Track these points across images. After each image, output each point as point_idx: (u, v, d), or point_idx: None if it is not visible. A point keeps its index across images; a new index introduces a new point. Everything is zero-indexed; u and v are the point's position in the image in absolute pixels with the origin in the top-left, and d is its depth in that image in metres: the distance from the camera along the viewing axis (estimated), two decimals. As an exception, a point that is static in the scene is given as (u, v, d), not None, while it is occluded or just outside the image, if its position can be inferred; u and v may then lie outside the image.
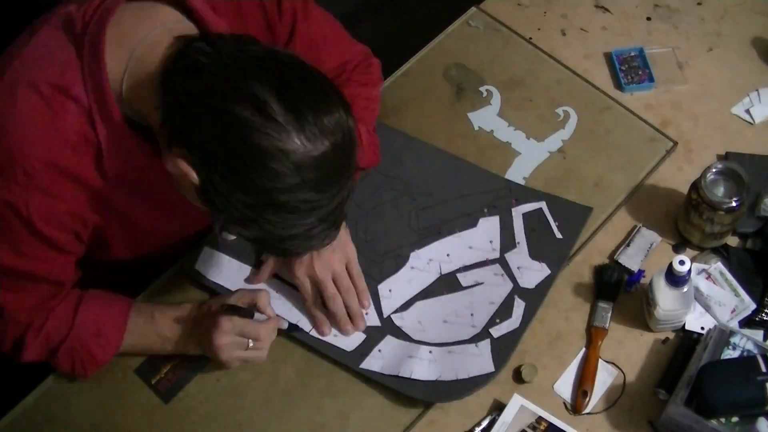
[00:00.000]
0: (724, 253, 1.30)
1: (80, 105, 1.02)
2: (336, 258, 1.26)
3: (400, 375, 1.21)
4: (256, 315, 1.21)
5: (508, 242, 1.32)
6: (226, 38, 0.97)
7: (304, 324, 1.27)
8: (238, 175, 0.93)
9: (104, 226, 1.14)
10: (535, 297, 1.27)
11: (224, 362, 1.21)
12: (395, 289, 1.29)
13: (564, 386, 1.22)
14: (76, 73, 1.02)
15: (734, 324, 1.23)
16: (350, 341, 1.26)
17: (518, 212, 1.34)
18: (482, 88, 1.49)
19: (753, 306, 1.24)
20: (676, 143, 1.41)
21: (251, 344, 1.20)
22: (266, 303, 1.23)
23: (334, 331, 1.27)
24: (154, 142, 1.05)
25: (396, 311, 1.28)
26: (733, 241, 1.32)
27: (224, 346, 1.19)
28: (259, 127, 0.90)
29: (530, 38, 1.55)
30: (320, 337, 1.26)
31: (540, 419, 1.18)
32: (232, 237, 1.05)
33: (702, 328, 1.23)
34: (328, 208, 0.98)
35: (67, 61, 1.03)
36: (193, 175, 0.96)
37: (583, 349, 1.25)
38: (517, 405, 1.19)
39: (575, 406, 1.20)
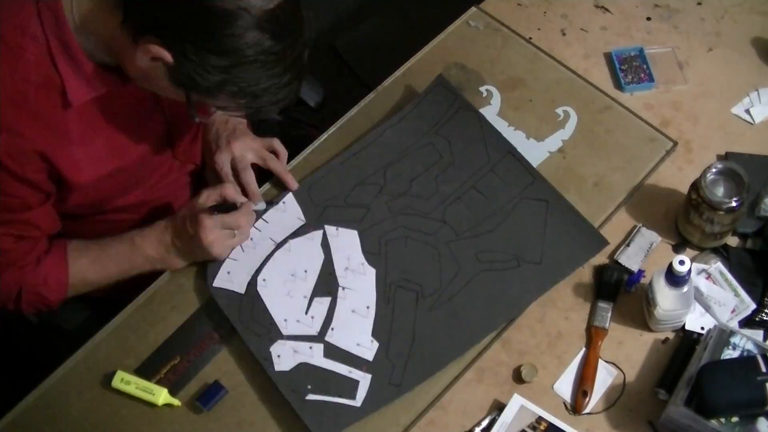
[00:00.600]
0: (724, 253, 1.30)
1: (38, 42, 1.09)
2: (249, 140, 1.40)
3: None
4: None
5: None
6: None
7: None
8: (208, 39, 1.02)
9: (68, 163, 1.19)
10: None
11: (217, 255, 1.29)
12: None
13: (564, 386, 1.22)
14: (32, 12, 1.09)
15: (734, 324, 1.23)
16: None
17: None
18: (482, 88, 1.49)
19: (753, 306, 1.24)
20: (676, 143, 1.41)
21: (236, 232, 1.30)
22: (233, 193, 1.31)
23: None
24: (114, 74, 1.14)
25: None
26: (733, 241, 1.32)
27: (213, 240, 1.27)
28: None
29: (530, 38, 1.55)
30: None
31: (540, 419, 1.18)
32: (207, 119, 1.16)
33: (702, 328, 1.23)
34: (291, 56, 1.07)
35: (22, 2, 1.09)
36: (166, 54, 1.04)
37: (583, 349, 1.25)
38: (517, 405, 1.19)
39: (575, 406, 1.20)
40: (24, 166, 1.14)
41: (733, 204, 1.22)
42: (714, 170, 1.25)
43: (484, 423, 1.19)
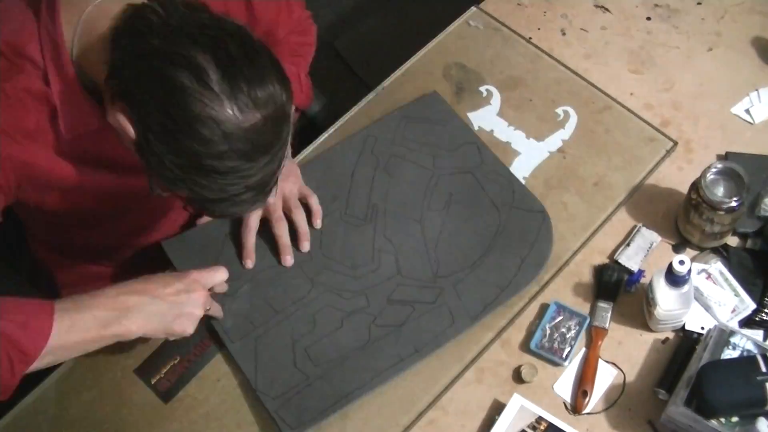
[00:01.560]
0: (724, 253, 1.30)
1: (35, 65, 1.06)
2: (289, 183, 1.32)
3: None
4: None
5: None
6: (177, 3, 1.00)
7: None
8: (170, 136, 0.97)
9: (47, 180, 1.14)
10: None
11: (184, 330, 1.17)
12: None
13: (564, 386, 1.22)
14: (33, 33, 1.06)
15: (734, 324, 1.23)
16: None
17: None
18: (482, 88, 1.50)
19: (753, 306, 1.24)
20: (676, 143, 1.41)
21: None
22: (223, 284, 1.26)
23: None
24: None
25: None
26: (733, 241, 1.32)
27: (196, 319, 1.17)
28: (195, 93, 0.94)
29: (530, 38, 1.55)
30: None
31: (540, 419, 1.18)
32: (164, 194, 1.10)
33: (702, 328, 1.23)
34: (257, 177, 1.01)
35: (24, 21, 1.07)
36: (130, 130, 1.00)
37: (583, 349, 1.25)
38: (516, 405, 1.19)
39: (575, 406, 1.20)
40: None
41: (733, 204, 1.22)
42: (714, 170, 1.25)
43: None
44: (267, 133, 0.99)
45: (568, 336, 1.23)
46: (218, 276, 1.22)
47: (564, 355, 1.22)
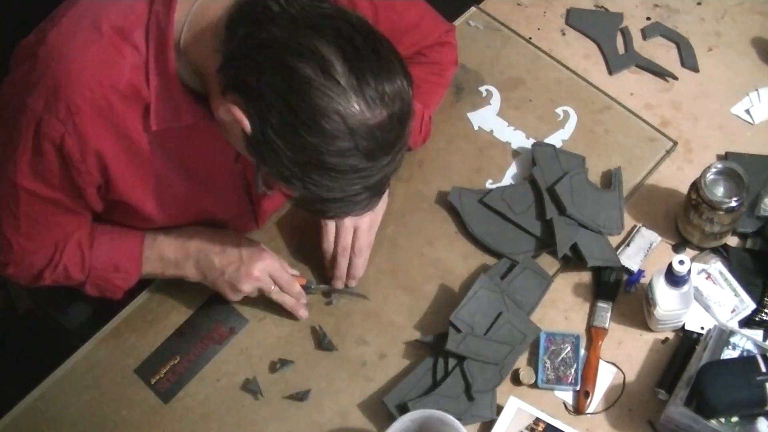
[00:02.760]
0: (723, 253, 1.30)
1: (137, 52, 1.03)
2: (366, 217, 1.28)
3: None
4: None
5: None
6: None
7: None
8: (291, 130, 0.92)
9: (134, 186, 1.14)
10: None
11: (238, 291, 1.23)
12: None
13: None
14: (142, 19, 1.03)
15: (734, 324, 1.23)
16: None
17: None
18: (482, 88, 1.49)
19: (753, 306, 1.24)
20: (676, 143, 1.41)
21: (273, 289, 1.25)
22: (294, 305, 1.27)
23: None
24: (203, 105, 1.05)
25: None
26: (733, 241, 1.32)
27: (258, 277, 1.22)
28: (320, 86, 0.90)
29: (530, 38, 1.55)
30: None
31: (538, 420, 1.18)
32: (269, 192, 1.06)
33: (702, 328, 1.23)
34: (376, 177, 0.97)
35: (135, 5, 1.03)
36: (246, 123, 0.95)
37: (583, 350, 1.25)
38: (514, 408, 1.19)
39: (577, 407, 1.20)
40: (82, 175, 1.08)
41: (733, 204, 1.22)
42: (714, 170, 1.25)
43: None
44: (392, 131, 0.94)
45: (567, 359, 1.23)
46: (290, 285, 1.24)
47: (571, 380, 1.21)
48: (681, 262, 1.14)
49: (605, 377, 1.22)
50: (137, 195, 1.15)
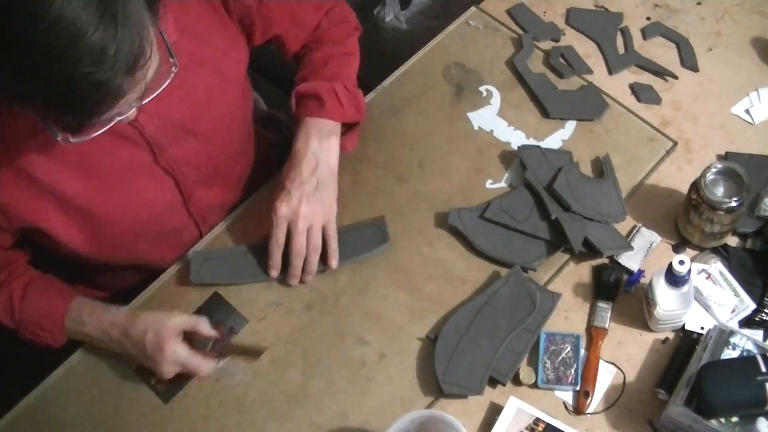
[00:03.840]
0: (723, 253, 1.30)
1: None
2: (320, 213, 1.28)
3: None
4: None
5: None
6: None
7: None
8: None
9: (40, 214, 1.14)
10: None
11: (160, 374, 1.22)
12: None
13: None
14: None
15: (734, 324, 1.23)
16: None
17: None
18: (482, 88, 1.49)
19: (753, 306, 1.24)
20: (676, 143, 1.41)
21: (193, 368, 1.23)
22: (208, 329, 1.24)
23: None
24: None
25: None
26: (733, 241, 1.32)
27: (165, 371, 1.21)
28: None
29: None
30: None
31: (538, 420, 1.18)
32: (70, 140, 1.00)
33: (702, 328, 1.23)
34: (98, 36, 0.86)
35: None
36: None
37: (583, 350, 1.25)
38: (513, 408, 1.19)
39: (577, 407, 1.20)
40: None
41: (733, 204, 1.22)
42: (714, 170, 1.25)
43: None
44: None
45: (567, 359, 1.23)
46: (198, 325, 1.23)
47: (571, 380, 1.21)
48: (681, 262, 1.14)
49: (605, 377, 1.22)
50: (44, 223, 1.16)
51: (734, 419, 1.11)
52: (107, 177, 1.18)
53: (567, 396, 1.21)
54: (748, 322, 1.24)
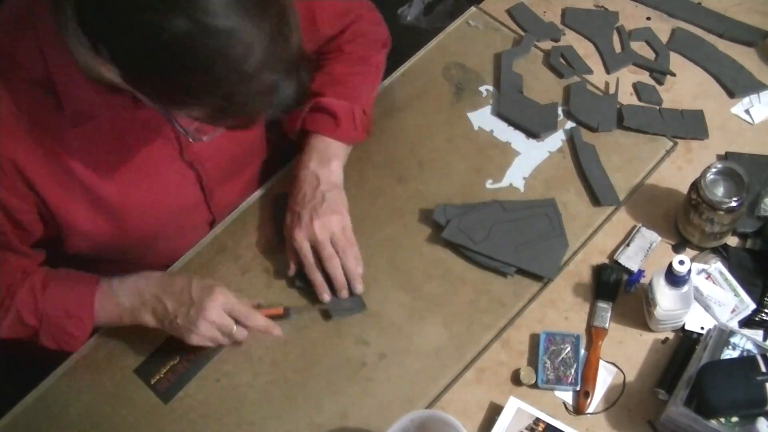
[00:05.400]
0: (723, 253, 1.30)
1: (31, 69, 1.02)
2: (334, 221, 1.29)
3: None
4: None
5: None
6: None
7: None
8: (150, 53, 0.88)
9: (67, 202, 1.14)
10: None
11: (192, 338, 1.20)
12: None
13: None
14: (28, 39, 1.02)
15: (734, 324, 1.23)
16: None
17: None
18: (482, 88, 1.49)
19: (753, 306, 1.24)
20: (676, 143, 1.41)
21: (235, 330, 1.22)
22: (264, 324, 1.24)
23: None
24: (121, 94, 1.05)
25: None
26: (733, 241, 1.32)
27: (214, 320, 1.19)
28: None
29: (530, 38, 1.55)
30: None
31: (538, 420, 1.18)
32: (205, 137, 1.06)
33: (702, 328, 1.23)
34: (266, 43, 0.89)
35: (16, 34, 1.04)
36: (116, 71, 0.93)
37: (583, 350, 1.25)
38: (513, 408, 1.19)
39: (577, 407, 1.20)
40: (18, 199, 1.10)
41: (733, 204, 1.22)
42: (714, 170, 1.25)
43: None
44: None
45: (567, 359, 1.23)
46: (249, 317, 1.22)
47: (571, 381, 1.21)
48: (681, 262, 1.14)
49: (605, 377, 1.22)
50: (71, 215, 1.16)
51: (734, 419, 1.11)
52: (137, 170, 1.18)
53: (567, 396, 1.22)
54: (748, 322, 1.24)
